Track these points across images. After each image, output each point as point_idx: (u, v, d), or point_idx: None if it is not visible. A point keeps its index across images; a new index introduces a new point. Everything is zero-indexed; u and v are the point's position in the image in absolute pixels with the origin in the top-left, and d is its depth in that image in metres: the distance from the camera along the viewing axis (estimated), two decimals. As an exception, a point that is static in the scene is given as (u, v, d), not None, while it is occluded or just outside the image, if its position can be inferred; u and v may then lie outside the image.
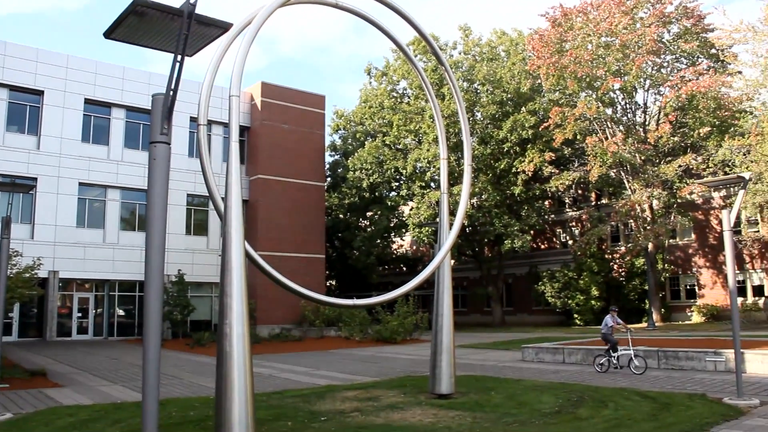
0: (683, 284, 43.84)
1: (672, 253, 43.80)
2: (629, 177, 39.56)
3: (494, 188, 43.05)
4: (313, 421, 11.11)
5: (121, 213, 36.63)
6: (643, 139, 38.36)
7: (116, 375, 19.24)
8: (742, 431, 9.74)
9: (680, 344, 20.64)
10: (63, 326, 34.44)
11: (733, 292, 13.01)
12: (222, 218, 9.39)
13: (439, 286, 14.20)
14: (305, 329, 37.12)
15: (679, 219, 39.90)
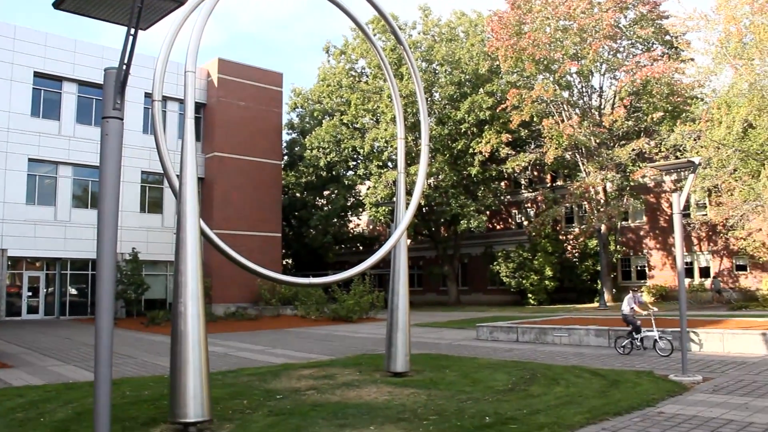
0: (634, 265, 44.83)
1: (624, 235, 44.74)
2: (584, 159, 40.16)
3: (451, 169, 43.28)
4: (269, 399, 11.12)
5: (73, 190, 35.83)
6: (598, 122, 38.94)
7: (68, 355, 18.95)
8: (685, 406, 10.05)
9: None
10: (12, 305, 33.69)
11: (681, 273, 13.35)
12: (177, 196, 9.28)
13: (395, 265, 14.26)
14: (261, 308, 37.01)
15: (631, 201, 40.77)
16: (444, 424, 8.92)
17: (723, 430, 8.53)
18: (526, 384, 12.18)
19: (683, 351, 12.84)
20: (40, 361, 17.54)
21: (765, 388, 11.29)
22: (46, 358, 18.03)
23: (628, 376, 12.73)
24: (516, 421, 9.06)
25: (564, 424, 8.86)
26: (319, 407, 10.32)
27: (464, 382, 12.57)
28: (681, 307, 13.19)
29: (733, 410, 9.64)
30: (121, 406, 10.30)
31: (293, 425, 9.10)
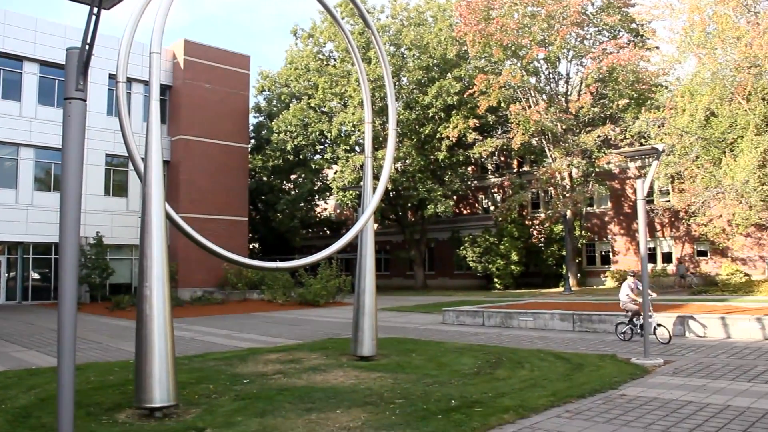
0: (599, 250, 45.44)
1: (589, 221, 45.33)
2: (550, 145, 40.52)
3: (418, 153, 43.33)
4: (236, 384, 11.09)
5: (35, 172, 35.09)
6: (564, 108, 39.29)
7: (31, 340, 18.67)
8: (646, 388, 10.26)
9: (594, 308, 21.45)
10: (-27, 291, 33.10)
11: (644, 258, 13.57)
12: (142, 179, 9.17)
13: (362, 249, 14.27)
14: (228, 292, 36.83)
15: (596, 187, 41.27)
16: (410, 408, 8.99)
17: (682, 411, 8.73)
18: (491, 367, 12.31)
19: (645, 335, 13.10)
20: (2, 347, 17.25)
21: (722, 371, 11.57)
22: (7, 344, 17.74)
23: (591, 360, 12.94)
24: (481, 404, 9.16)
25: (528, 407, 8.99)
26: (286, 391, 10.32)
27: (430, 366, 12.66)
28: (644, 291, 13.43)
29: (691, 392, 9.87)
30: (85, 392, 10.19)
31: (260, 409, 9.09)
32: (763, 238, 36.41)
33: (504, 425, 8.21)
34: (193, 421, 8.57)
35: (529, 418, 8.53)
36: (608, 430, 7.87)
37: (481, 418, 8.37)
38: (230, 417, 8.75)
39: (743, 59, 29.77)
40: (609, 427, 8.02)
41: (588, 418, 8.45)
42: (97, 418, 8.79)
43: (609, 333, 17.63)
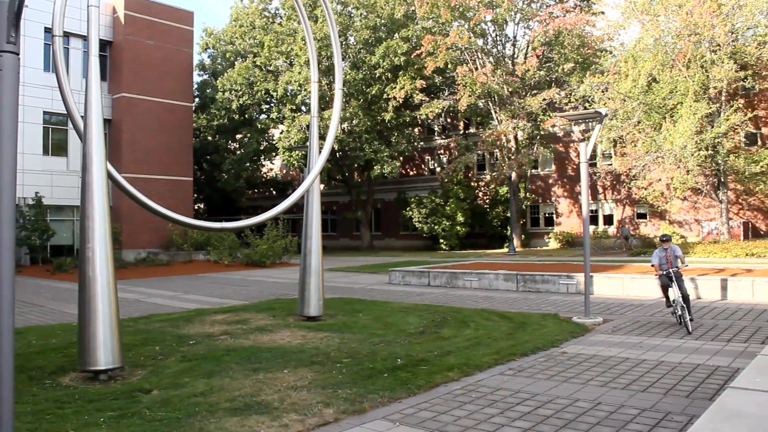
0: (543, 212, 46.24)
1: (533, 183, 45.99)
2: (497, 108, 40.77)
3: (365, 114, 43.11)
4: (182, 345, 11.03)
5: (-33, 130, 33.72)
6: (511, 71, 39.49)
7: (-34, 302, 18.15)
8: (586, 346, 10.59)
9: (537, 268, 21.90)
10: None
11: (586, 220, 13.88)
12: (82, 137, 8.92)
13: (308, 209, 14.24)
14: (173, 253, 36.38)
15: (541, 150, 41.83)
16: (357, 367, 9.09)
17: (619, 367, 9.04)
18: (436, 327, 12.50)
19: (586, 295, 13.45)
20: (-64, 309, 16.74)
21: (657, 328, 12.00)
22: (-58, 307, 17.22)
23: (534, 319, 13.25)
24: (427, 362, 9.32)
25: (473, 365, 9.19)
26: (233, 352, 10.32)
27: (377, 326, 12.80)
28: (585, 252, 13.76)
29: (628, 349, 10.22)
30: (26, 356, 10.02)
31: (207, 370, 9.08)
32: (698, 202, 37.56)
33: (449, 383, 8.38)
34: (139, 383, 8.52)
35: (474, 376, 8.73)
36: (549, 386, 8.11)
37: (426, 376, 8.53)
38: (177, 378, 8.72)
39: (684, 27, 30.35)
40: (550, 383, 8.26)
41: (530, 375, 8.69)
42: (40, 382, 8.66)
43: (552, 293, 18.04)
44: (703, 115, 29.77)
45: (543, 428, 6.50)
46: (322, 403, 7.37)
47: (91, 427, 6.58)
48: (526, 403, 7.35)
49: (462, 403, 7.44)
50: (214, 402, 7.46)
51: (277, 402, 7.45)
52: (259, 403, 7.41)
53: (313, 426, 6.69)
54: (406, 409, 7.28)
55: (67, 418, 6.94)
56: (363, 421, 6.87)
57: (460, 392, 7.93)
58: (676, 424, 6.50)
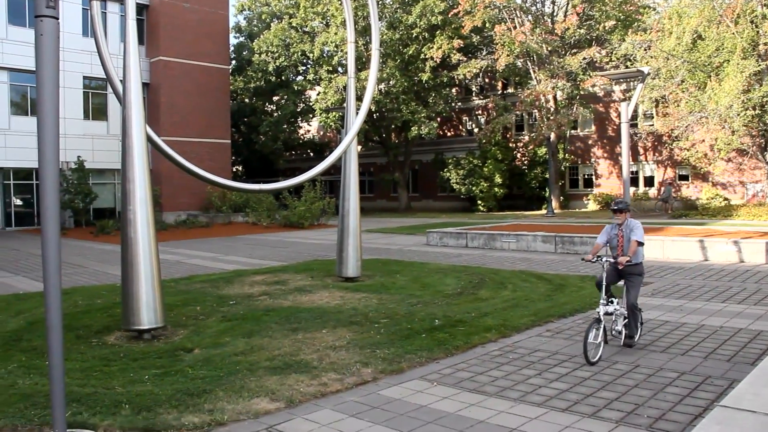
0: (582, 174, 45.63)
1: (573, 144, 45.32)
2: (535, 67, 40.08)
3: (402, 74, 42.75)
4: (222, 305, 11.22)
5: (10, 96, 34.30)
6: (550, 29, 38.69)
7: (17, 266, 18.68)
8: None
9: (576, 230, 21.71)
10: (-45, 217, 32.88)
11: (626, 181, 13.62)
12: (121, 101, 9.01)
13: (345, 171, 14.26)
14: (212, 215, 36.81)
15: (580, 110, 41.06)
16: (395, 327, 9.16)
17: (658, 330, 8.97)
18: (474, 288, 12.51)
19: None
20: (-14, 270, 17.29)
21: (698, 292, 11.84)
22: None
23: (572, 281, 13.18)
24: (464, 323, 9.36)
25: (510, 326, 9.20)
26: (272, 312, 10.47)
27: (414, 287, 12.85)
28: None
29: (668, 312, 10.12)
30: (74, 315, 10.28)
31: (247, 330, 9.24)
32: (743, 164, 36.63)
33: (486, 344, 8.41)
34: (181, 342, 8.71)
35: (511, 337, 8.74)
36: (587, 347, 8.09)
37: (464, 337, 8.57)
38: (218, 337, 8.89)
39: (733, -21, 29.30)
40: (588, 344, 8.23)
41: (568, 337, 8.67)
42: (87, 341, 8.91)
43: (590, 254, 17.88)
44: (751, 74, 28.81)
45: (581, 390, 6.49)
46: (361, 363, 7.46)
47: (136, 384, 6.77)
48: (563, 365, 7.34)
49: (499, 364, 7.46)
50: (254, 361, 7.60)
51: (316, 361, 7.55)
52: (298, 362, 7.53)
53: (352, 385, 6.79)
54: (443, 369, 7.34)
55: (113, 375, 7.14)
56: (401, 380, 6.95)
57: (498, 353, 7.95)
58: (716, 387, 6.44)
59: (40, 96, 5.32)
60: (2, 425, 5.74)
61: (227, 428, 5.64)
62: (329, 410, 6.06)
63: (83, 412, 5.92)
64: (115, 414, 5.88)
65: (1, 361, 7.79)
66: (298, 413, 6.00)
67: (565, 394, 6.38)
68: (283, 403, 6.23)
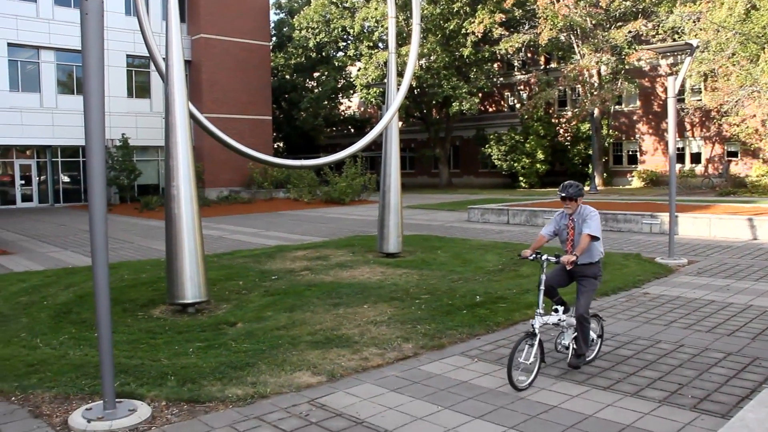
0: (626, 150, 44.82)
1: (617, 119, 44.49)
2: (579, 41, 39.34)
3: (443, 49, 42.37)
4: (264, 280, 11.35)
5: (57, 75, 34.99)
6: (595, 2, 37.82)
7: (65, 241, 19.15)
8: (670, 287, 10.34)
9: (619, 207, 21.40)
10: (6, 194, 33.80)
11: (673, 158, 13.38)
12: (164, 79, 9.10)
13: (386, 147, 14.24)
14: (254, 191, 37.17)
15: (625, 85, 40.12)
16: (436, 303, 9.17)
17: (704, 309, 8.82)
18: (515, 265, 12.44)
19: (671, 235, 13.07)
20: (39, 247, 17.74)
21: (746, 271, 11.59)
22: (44, 245, 18.23)
23: (615, 259, 13.00)
24: (505, 300, 9.32)
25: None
26: (314, 287, 10.56)
27: (455, 263, 12.83)
28: (671, 191, 13.31)
29: (714, 292, 9.94)
30: (120, 289, 10.51)
31: (289, 304, 9.34)
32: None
33: (527, 320, 8.34)
34: (224, 316, 8.85)
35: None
36: (630, 326, 8.00)
37: (505, 314, 8.54)
38: (260, 312, 9.00)
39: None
40: (631, 324, 8.14)
41: (611, 315, 8.58)
42: (133, 314, 9.11)
43: (634, 233, 17.64)
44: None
45: (623, 368, 6.44)
46: (402, 338, 7.49)
47: (181, 357, 6.90)
48: (605, 343, 7.27)
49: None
50: (296, 335, 7.69)
51: (357, 336, 7.61)
52: (339, 336, 7.59)
53: (393, 360, 6.83)
54: (484, 345, 7.34)
55: (159, 347, 7.30)
56: (442, 356, 6.97)
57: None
58: (764, 369, 6.33)
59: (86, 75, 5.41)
60: (55, 393, 5.93)
61: (270, 401, 5.73)
62: (370, 384, 6.12)
63: (131, 382, 6.08)
64: (161, 385, 6.02)
65: (53, 333, 8.02)
66: (339, 387, 6.06)
67: (607, 372, 6.34)
68: (324, 377, 6.30)
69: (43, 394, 5.93)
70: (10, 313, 9.17)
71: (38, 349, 7.28)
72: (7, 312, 9.26)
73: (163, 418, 5.40)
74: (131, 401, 5.63)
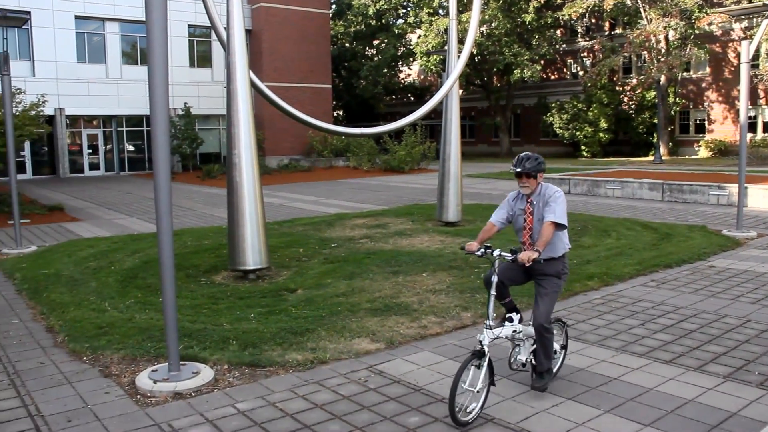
0: (693, 118, 43.37)
1: (684, 87, 42.99)
2: (646, 5, 38.02)
3: (505, 16, 41.56)
4: (324, 248, 11.47)
5: (122, 47, 35.73)
6: (663, -37, 36.52)
7: (131, 208, 19.68)
8: (737, 261, 10.04)
9: (685, 178, 20.80)
10: (75, 163, 34.86)
11: (744, 126, 12.89)
12: (225, 48, 9.18)
13: (446, 115, 14.13)
14: (313, 160, 37.43)
15: (695, 51, 38.67)
16: (494, 274, 9.11)
17: (775, 281, 8.54)
18: (576, 235, 12.27)
19: (739, 206, 12.67)
20: (106, 214, 18.29)
21: (822, 242, 11.16)
22: (111, 212, 18.78)
23: (680, 230, 12.69)
24: (565, 271, 9.20)
25: (613, 275, 8.98)
26: (373, 255, 10.61)
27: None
28: (741, 161, 12.86)
29: (786, 263, 9.61)
30: (183, 255, 10.77)
31: (348, 272, 9.42)
32: None
33: (588, 292, 8.26)
34: (285, 283, 8.98)
35: (614, 286, 8.55)
36: (694, 300, 7.81)
37: (565, 284, 8.43)
38: (320, 279, 9.11)
39: None
40: (695, 297, 7.95)
41: (674, 288, 8.40)
42: (196, 280, 9.33)
43: (700, 204, 17.15)
44: None
45: (686, 342, 6.30)
46: (461, 307, 7.49)
47: (242, 322, 7.05)
48: (668, 316, 7.13)
49: (601, 313, 7.33)
50: (355, 302, 7.76)
51: (416, 304, 7.64)
52: (398, 304, 7.63)
53: (451, 328, 6.84)
54: (543, 316, 7.26)
55: (221, 312, 7.48)
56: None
57: (600, 302, 7.80)
58: (837, 343, 6.11)
59: (150, 45, 5.49)
60: (123, 355, 6.16)
61: (329, 366, 5.82)
62: (429, 352, 6.15)
63: (194, 346, 6.25)
64: (224, 349, 6.17)
65: (120, 297, 8.29)
66: (398, 354, 6.11)
67: (669, 345, 6.22)
68: (383, 344, 6.36)
69: (112, 355, 6.17)
70: (80, 278, 9.50)
71: (106, 312, 7.55)
72: (78, 276, 9.60)
73: (225, 381, 5.54)
74: (195, 364, 5.80)
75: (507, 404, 4.96)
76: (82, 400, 5.18)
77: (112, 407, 5.02)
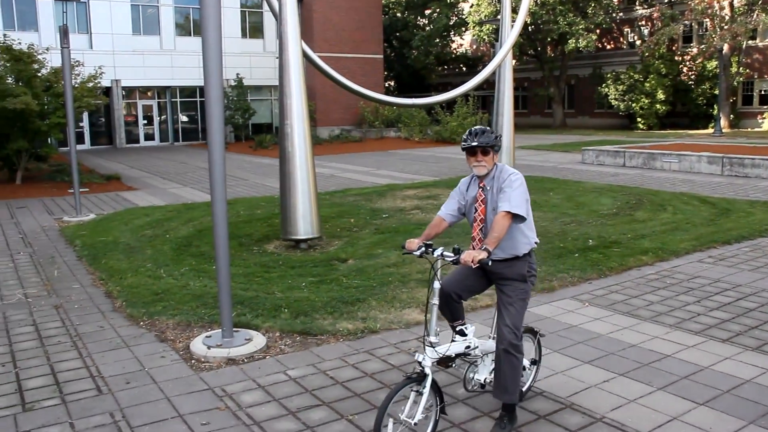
0: (758, 89, 41.83)
1: (749, 56, 41.40)
2: (709, -30, 36.71)
3: (560, -17, 40.64)
4: (375, 218, 11.51)
5: (175, 18, 36.14)
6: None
7: (185, 178, 20.02)
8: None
9: (747, 151, 20.15)
10: (130, 133, 35.60)
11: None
12: (277, 18, 9.19)
13: (499, 86, 13.96)
14: (365, 130, 37.43)
15: (762, 17, 37.16)
16: (547, 245, 9.03)
17: (839, 259, 8.26)
18: (631, 209, 12.05)
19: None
20: (161, 183, 18.66)
21: None
22: (165, 181, 19.15)
23: (740, 206, 12.34)
24: (619, 245, 9.06)
25: (668, 250, 8.80)
26: (424, 226, 10.53)
27: (568, 205, 12.55)
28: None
29: None
30: (236, 224, 10.93)
31: (398, 242, 9.41)
32: None
33: (642, 267, 8.12)
34: (336, 253, 9.05)
35: (669, 261, 8.38)
36: (754, 278, 7.61)
37: (618, 259, 8.31)
38: (370, 249, 9.15)
39: None
40: (755, 275, 7.74)
41: (732, 265, 8.19)
42: (249, 248, 9.47)
43: (762, 179, 16.63)
44: None
45: (745, 321, 6.15)
46: (510, 281, 7.43)
47: (294, 290, 7.14)
48: (726, 294, 6.97)
49: (655, 288, 7.20)
50: (405, 273, 7.78)
51: (466, 277, 7.60)
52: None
53: (501, 302, 6.79)
54: (595, 290, 7.19)
55: (273, 281, 7.58)
56: (552, 299, 6.89)
57: (654, 277, 7.66)
58: None
59: (203, 17, 5.53)
60: (178, 320, 6.32)
61: (379, 336, 5.86)
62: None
63: (247, 313, 6.36)
64: (276, 317, 6.27)
65: (175, 264, 8.47)
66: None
67: (726, 324, 6.07)
68: (432, 315, 6.35)
69: (167, 320, 6.34)
70: (137, 245, 9.74)
71: (162, 279, 7.73)
72: (134, 244, 9.84)
73: (276, 348, 5.63)
74: (247, 331, 5.91)
75: (556, 378, 4.93)
76: (140, 363, 5.34)
77: (168, 371, 5.17)
